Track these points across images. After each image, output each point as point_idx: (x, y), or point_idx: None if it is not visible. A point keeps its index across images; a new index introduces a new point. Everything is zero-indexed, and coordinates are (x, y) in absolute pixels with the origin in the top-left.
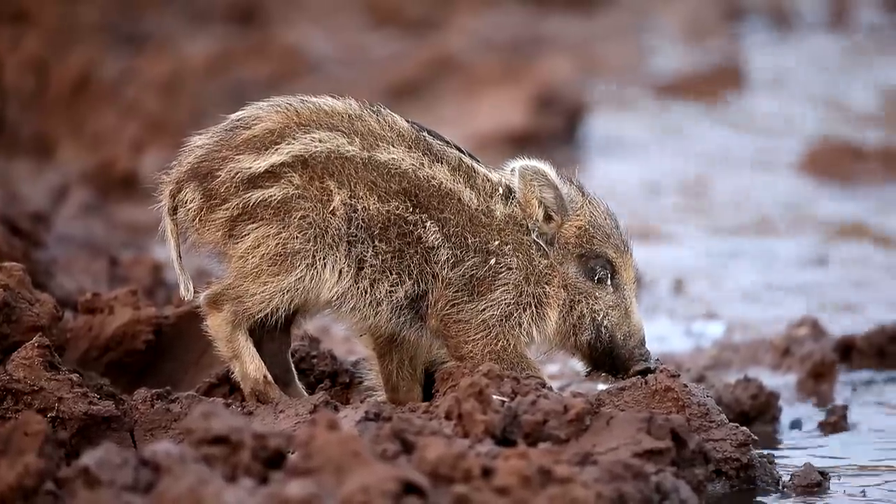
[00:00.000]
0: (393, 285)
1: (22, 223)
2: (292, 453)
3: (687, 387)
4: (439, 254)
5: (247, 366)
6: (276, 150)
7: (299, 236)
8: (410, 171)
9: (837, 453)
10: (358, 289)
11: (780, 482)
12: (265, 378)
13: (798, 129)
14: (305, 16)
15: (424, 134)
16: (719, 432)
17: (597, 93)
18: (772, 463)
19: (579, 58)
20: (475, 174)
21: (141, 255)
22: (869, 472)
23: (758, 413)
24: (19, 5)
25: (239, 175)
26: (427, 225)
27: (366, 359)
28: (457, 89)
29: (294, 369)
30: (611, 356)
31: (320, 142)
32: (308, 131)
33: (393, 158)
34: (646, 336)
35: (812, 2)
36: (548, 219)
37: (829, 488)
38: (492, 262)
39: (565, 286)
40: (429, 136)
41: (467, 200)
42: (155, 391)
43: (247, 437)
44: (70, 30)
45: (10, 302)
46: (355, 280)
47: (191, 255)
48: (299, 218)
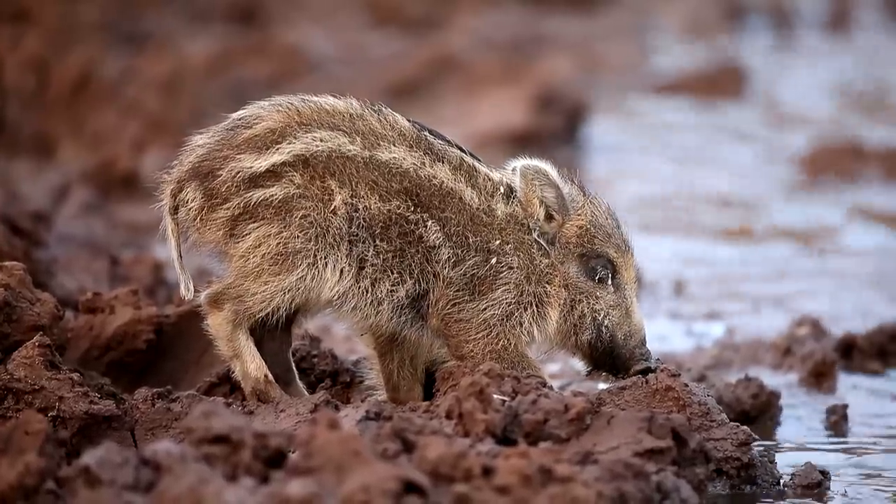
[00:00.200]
0: (394, 284)
1: (22, 222)
2: (293, 452)
3: (688, 386)
4: (440, 253)
5: (247, 365)
6: (278, 149)
7: (300, 236)
8: (412, 170)
9: (838, 453)
10: (359, 288)
11: (781, 482)
12: (266, 377)
13: (798, 129)
14: (306, 15)
15: (426, 133)
16: (720, 431)
17: (597, 92)
18: (772, 462)
19: (580, 57)
20: (476, 173)
21: (142, 255)
22: (869, 473)
23: (758, 412)
24: (19, 5)
25: (240, 174)
26: (428, 224)
27: (366, 358)
28: (457, 89)
29: (295, 368)
30: (611, 356)
31: (322, 141)
32: (309, 131)
33: (394, 158)
34: (646, 335)
35: (812, 2)
36: (549, 218)
37: (829, 488)
38: (493, 261)
39: (566, 285)
40: (430, 136)
41: (468, 200)
42: (156, 390)
43: (247, 436)
44: (70, 29)
45: (10, 301)
46: (356, 279)
47: (192, 254)
48: (300, 217)
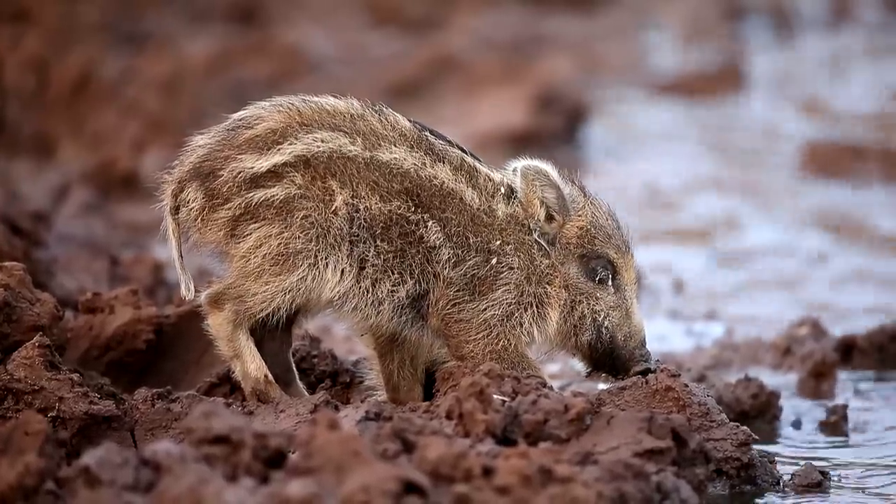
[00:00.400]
0: (394, 285)
1: (22, 222)
2: (293, 453)
3: (687, 386)
4: (441, 253)
5: (248, 365)
6: (279, 149)
7: (301, 236)
8: (412, 170)
9: (838, 453)
10: (360, 288)
11: (781, 482)
12: (266, 377)
13: (798, 128)
14: (306, 15)
15: (426, 133)
16: (720, 432)
17: (597, 92)
18: (772, 462)
19: (580, 57)
20: (477, 174)
21: (142, 255)
22: (869, 472)
23: (758, 412)
24: (19, 5)
25: (241, 175)
26: (429, 224)
27: (366, 358)
28: (457, 89)
29: (295, 369)
30: (611, 357)
31: (322, 141)
32: (310, 131)
33: (395, 158)
34: (646, 336)
35: (812, 1)
36: (549, 219)
37: (829, 488)
38: (493, 261)
39: (566, 286)
40: (431, 136)
41: (469, 200)
42: (155, 391)
43: (247, 436)
44: (70, 29)
45: (10, 301)
46: (357, 280)
47: (192, 254)
48: (301, 218)
